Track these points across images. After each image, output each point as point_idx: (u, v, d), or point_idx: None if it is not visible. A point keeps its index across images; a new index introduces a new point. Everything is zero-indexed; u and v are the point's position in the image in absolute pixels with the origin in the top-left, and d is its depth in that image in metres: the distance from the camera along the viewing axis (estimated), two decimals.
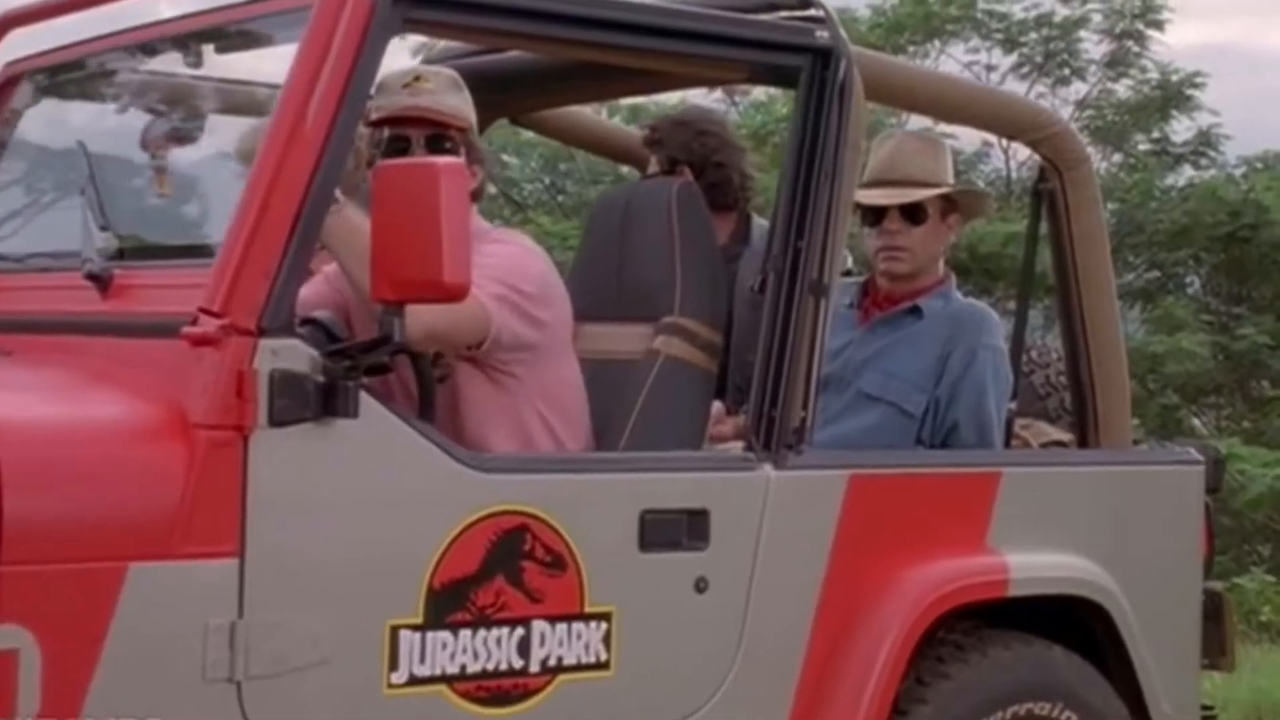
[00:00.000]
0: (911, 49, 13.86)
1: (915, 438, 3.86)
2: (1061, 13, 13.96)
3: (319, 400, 2.83)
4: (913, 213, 3.93)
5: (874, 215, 3.94)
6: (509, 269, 3.28)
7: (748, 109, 13.58)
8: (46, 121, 3.87)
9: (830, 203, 3.43)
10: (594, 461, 3.32)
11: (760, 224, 4.25)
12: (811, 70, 3.44)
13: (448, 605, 2.96)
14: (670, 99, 7.76)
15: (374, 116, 3.35)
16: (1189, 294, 13.77)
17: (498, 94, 4.02)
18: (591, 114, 4.46)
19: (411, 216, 2.77)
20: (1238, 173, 13.73)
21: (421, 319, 2.98)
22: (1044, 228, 4.03)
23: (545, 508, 3.07)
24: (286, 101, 2.89)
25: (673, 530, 3.22)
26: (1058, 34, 13.99)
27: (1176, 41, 14.12)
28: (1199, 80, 13.76)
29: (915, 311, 3.94)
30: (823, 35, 3.44)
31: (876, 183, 3.94)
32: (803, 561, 3.37)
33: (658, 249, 3.57)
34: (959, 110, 3.93)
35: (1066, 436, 4.09)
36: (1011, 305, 4.29)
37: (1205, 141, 13.95)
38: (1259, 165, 13.72)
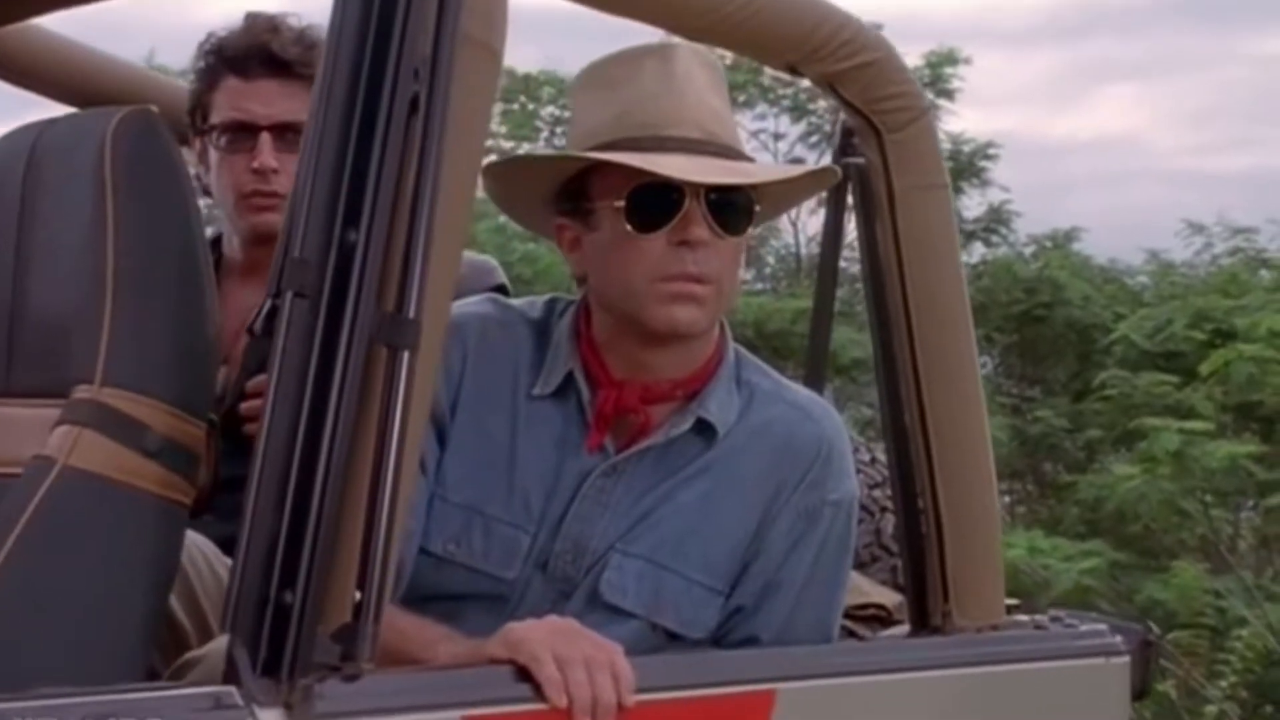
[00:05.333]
0: None
1: None
2: None
3: None
4: (737, 208, 1.92)
5: (649, 211, 1.87)
6: None
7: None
8: None
9: (424, 157, 1.53)
10: None
11: None
12: None
13: None
14: None
15: None
16: (982, 375, 12.51)
17: None
18: (80, 43, 2.44)
19: None
20: (1028, 251, 12.76)
21: None
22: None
23: None
24: None
25: None
26: None
27: (959, 128, 12.95)
28: (991, 151, 12.54)
29: (702, 431, 1.97)
30: None
31: (654, 141, 1.88)
32: None
33: (77, 245, 1.61)
34: (703, 16, 1.94)
35: (892, 599, 2.17)
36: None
37: (997, 218, 12.87)
38: (1049, 244, 12.76)
